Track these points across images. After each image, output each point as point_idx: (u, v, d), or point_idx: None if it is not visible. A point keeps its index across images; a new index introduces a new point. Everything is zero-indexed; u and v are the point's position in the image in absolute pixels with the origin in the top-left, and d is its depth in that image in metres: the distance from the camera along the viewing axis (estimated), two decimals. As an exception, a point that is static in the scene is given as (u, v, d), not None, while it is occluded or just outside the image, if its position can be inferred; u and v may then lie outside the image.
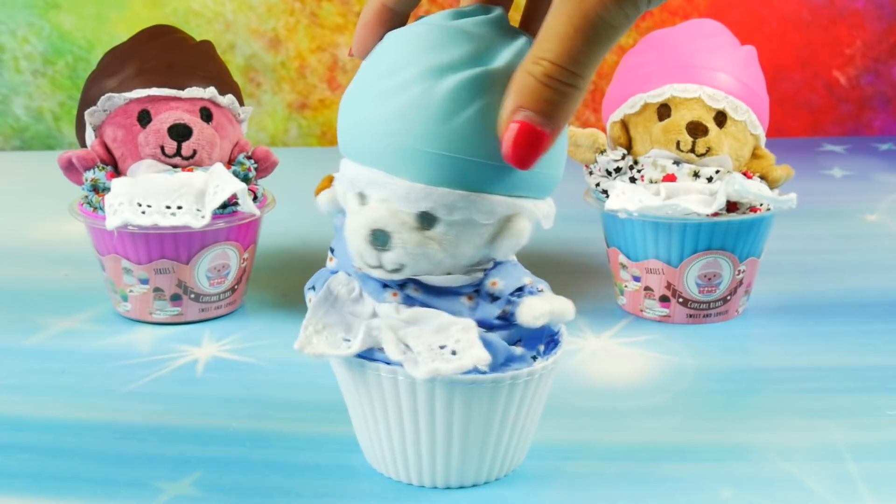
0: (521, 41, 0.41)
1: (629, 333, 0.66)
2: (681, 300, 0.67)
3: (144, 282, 0.65)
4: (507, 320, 0.43)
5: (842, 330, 0.66)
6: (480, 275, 0.43)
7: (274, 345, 0.64)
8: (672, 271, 0.66)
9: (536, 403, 0.46)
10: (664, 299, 0.67)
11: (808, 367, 0.61)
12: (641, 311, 0.68)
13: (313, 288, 0.46)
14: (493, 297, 0.43)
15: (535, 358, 0.45)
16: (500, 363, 0.43)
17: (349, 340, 0.43)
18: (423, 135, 0.39)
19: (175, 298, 0.66)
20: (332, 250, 0.46)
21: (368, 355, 0.43)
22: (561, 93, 0.37)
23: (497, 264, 0.44)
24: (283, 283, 0.76)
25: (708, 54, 0.67)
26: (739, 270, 0.66)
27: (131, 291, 0.66)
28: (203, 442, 0.51)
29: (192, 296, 0.66)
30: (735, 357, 0.62)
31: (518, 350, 0.44)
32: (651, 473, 0.48)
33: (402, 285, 0.43)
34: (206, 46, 0.69)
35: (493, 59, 0.39)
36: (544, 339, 0.45)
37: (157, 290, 0.66)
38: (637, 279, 0.68)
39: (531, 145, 0.37)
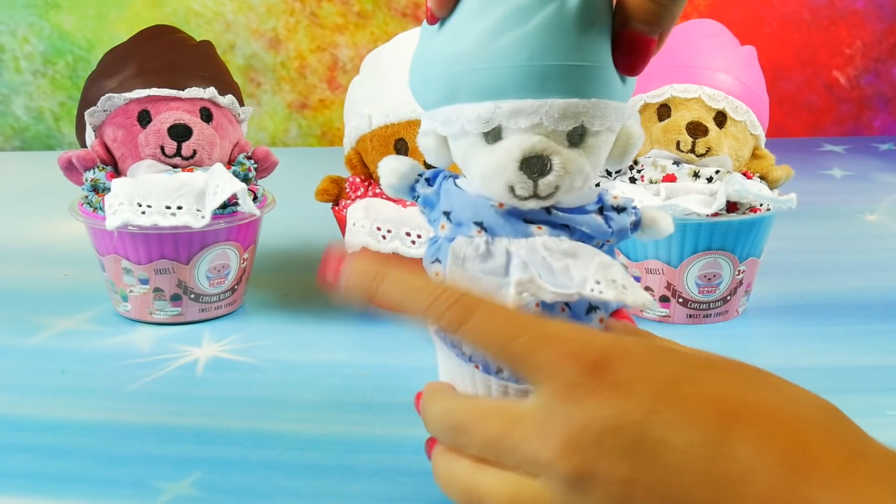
0: None
1: (629, 333, 0.66)
2: (681, 300, 0.67)
3: (144, 282, 0.65)
4: (631, 230, 0.44)
5: (842, 330, 0.66)
6: (593, 192, 0.43)
7: (274, 345, 0.64)
8: (672, 271, 0.66)
9: None
10: (664, 299, 0.67)
11: (808, 367, 0.61)
12: (641, 311, 0.68)
13: (438, 261, 0.43)
14: (619, 209, 0.43)
15: None
16: None
17: None
18: (569, 48, 0.39)
19: (175, 298, 0.66)
20: (446, 215, 0.43)
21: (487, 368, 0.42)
22: (664, 4, 0.38)
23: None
24: (283, 283, 0.76)
25: (708, 54, 0.67)
26: (739, 271, 0.66)
27: (131, 291, 0.66)
28: (203, 442, 0.51)
29: (192, 296, 0.66)
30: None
31: None
32: (651, 473, 0.48)
33: (547, 212, 0.42)
34: (206, 46, 0.69)
35: None
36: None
37: (157, 290, 0.66)
38: (637, 279, 0.68)
39: (640, 53, 0.40)
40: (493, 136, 0.41)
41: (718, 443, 0.32)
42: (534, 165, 0.40)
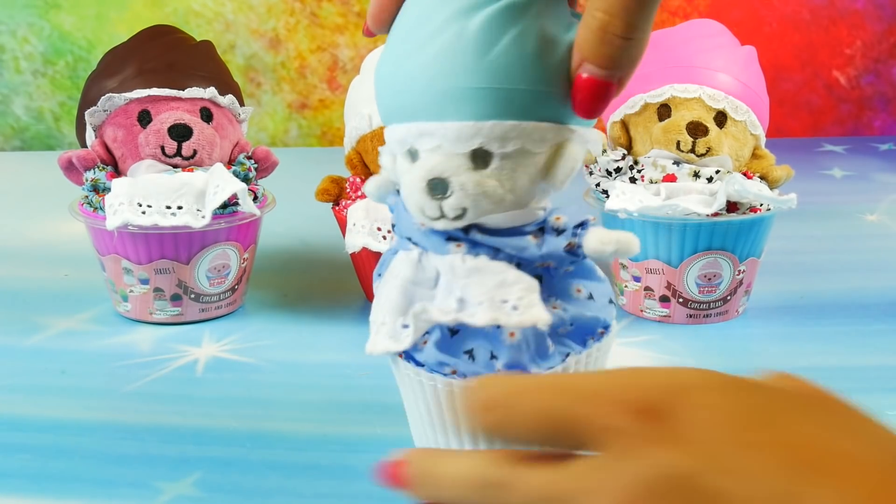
0: None
1: (629, 333, 0.66)
2: (681, 300, 0.67)
3: (144, 282, 0.65)
4: (574, 254, 0.43)
5: (842, 330, 0.66)
6: (541, 213, 0.43)
7: (274, 345, 0.64)
8: (672, 271, 0.66)
9: None
10: (664, 299, 0.67)
11: (808, 367, 0.61)
12: (641, 311, 0.68)
13: (380, 275, 0.46)
14: (559, 231, 0.43)
15: (568, 355, 0.44)
16: (530, 359, 0.43)
17: (407, 326, 0.43)
18: (463, 72, 0.39)
19: (175, 298, 0.66)
20: (394, 227, 0.46)
21: (410, 353, 0.43)
22: (617, 46, 0.37)
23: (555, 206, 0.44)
24: (283, 283, 0.76)
25: (708, 54, 0.67)
26: (739, 270, 0.66)
27: (131, 291, 0.66)
28: (203, 442, 0.51)
29: (193, 296, 0.66)
30: (735, 357, 0.62)
31: (552, 348, 0.43)
32: (651, 473, 0.48)
33: (466, 232, 0.42)
34: (206, 46, 0.69)
35: None
36: (594, 332, 0.44)
37: (157, 290, 0.66)
38: (637, 279, 0.68)
39: (597, 98, 0.38)
40: (413, 156, 0.42)
41: (788, 496, 0.28)
42: (436, 187, 0.41)
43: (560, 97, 0.40)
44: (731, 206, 0.64)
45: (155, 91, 0.64)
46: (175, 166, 0.64)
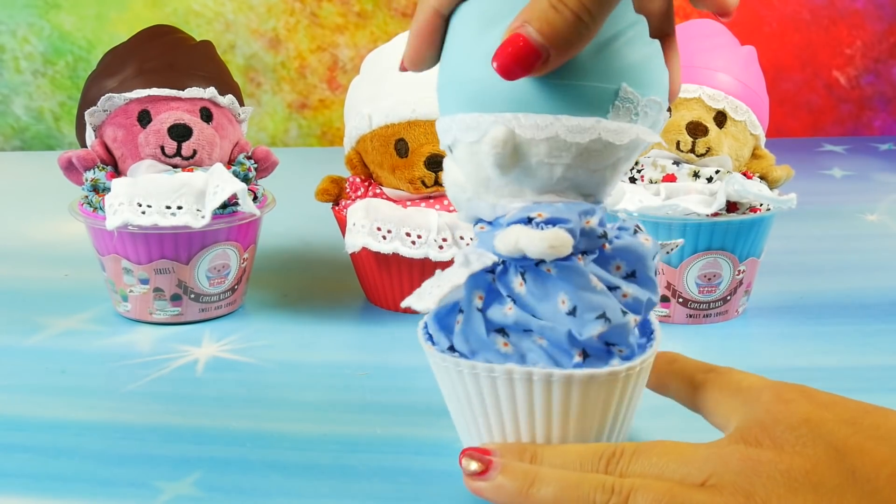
0: None
1: (629, 333, 0.66)
2: (681, 300, 0.67)
3: (144, 282, 0.65)
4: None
5: (842, 330, 0.66)
6: (506, 206, 0.43)
7: (274, 345, 0.64)
8: (672, 271, 0.66)
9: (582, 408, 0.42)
10: (664, 299, 0.67)
11: (808, 367, 0.61)
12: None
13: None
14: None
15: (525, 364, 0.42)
16: (470, 350, 0.42)
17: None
18: (438, 69, 0.42)
19: (175, 298, 0.66)
20: None
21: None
22: (566, 20, 0.35)
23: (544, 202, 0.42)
24: (283, 283, 0.76)
25: (708, 54, 0.67)
26: (739, 270, 0.66)
27: (131, 291, 0.66)
28: (203, 442, 0.51)
29: (192, 296, 0.66)
30: (735, 357, 0.62)
31: (505, 347, 0.42)
32: (651, 473, 0.48)
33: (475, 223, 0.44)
34: (206, 46, 0.69)
35: None
36: (568, 354, 0.42)
37: (157, 290, 0.66)
38: (637, 279, 0.67)
39: (520, 59, 0.36)
40: None
41: None
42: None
43: (475, 90, 0.40)
44: (731, 206, 0.64)
45: (155, 91, 0.64)
46: (175, 166, 0.64)
